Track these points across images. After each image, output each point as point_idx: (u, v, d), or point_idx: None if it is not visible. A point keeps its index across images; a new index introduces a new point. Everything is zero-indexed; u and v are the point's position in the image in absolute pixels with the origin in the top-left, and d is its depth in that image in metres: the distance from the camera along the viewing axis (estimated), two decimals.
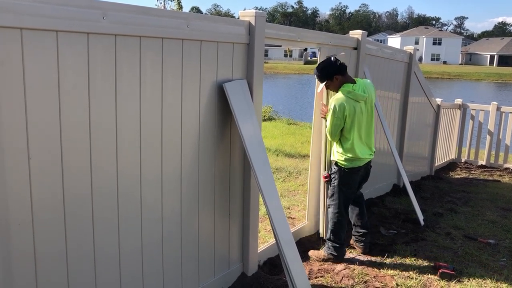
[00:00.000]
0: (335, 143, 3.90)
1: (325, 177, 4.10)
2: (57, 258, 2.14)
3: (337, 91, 3.75)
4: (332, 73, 3.71)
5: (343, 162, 3.82)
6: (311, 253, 4.06)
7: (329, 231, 3.99)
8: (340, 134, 3.80)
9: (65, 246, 2.16)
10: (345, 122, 3.70)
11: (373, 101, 3.88)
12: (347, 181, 3.88)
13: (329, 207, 4.02)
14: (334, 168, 3.91)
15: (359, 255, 4.13)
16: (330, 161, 4.08)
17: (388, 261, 4.04)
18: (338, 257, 3.95)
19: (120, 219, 2.43)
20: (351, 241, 4.26)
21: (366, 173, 4.05)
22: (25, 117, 1.93)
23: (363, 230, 4.14)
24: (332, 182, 3.96)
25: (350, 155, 3.78)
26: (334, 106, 3.66)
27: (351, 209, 4.16)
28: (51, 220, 2.09)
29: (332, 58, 3.75)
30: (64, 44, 2.02)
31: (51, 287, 2.14)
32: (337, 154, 3.85)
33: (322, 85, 3.83)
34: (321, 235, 4.45)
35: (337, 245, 3.94)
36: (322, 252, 4.00)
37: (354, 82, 3.73)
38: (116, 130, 2.33)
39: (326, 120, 3.85)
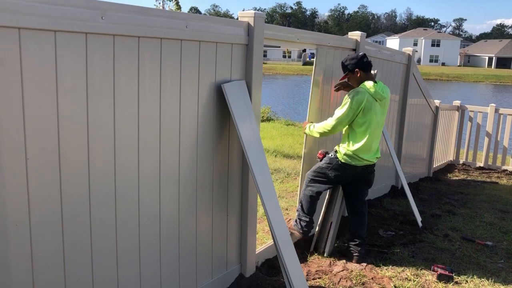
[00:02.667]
0: (344, 135, 3.86)
1: (320, 155, 4.07)
2: (54, 259, 2.13)
3: (356, 87, 3.80)
4: (355, 66, 3.77)
5: (343, 156, 3.80)
6: (290, 227, 4.10)
7: (299, 204, 4.07)
8: (347, 129, 3.81)
9: (62, 247, 2.16)
10: (357, 116, 3.69)
11: (387, 105, 3.91)
12: (337, 173, 3.87)
13: (306, 179, 4.03)
14: (331, 155, 3.90)
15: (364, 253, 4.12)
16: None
17: (386, 262, 4.03)
18: (304, 232, 4.01)
19: (118, 220, 2.42)
20: (345, 249, 4.17)
21: (365, 177, 3.99)
22: (22, 117, 1.92)
23: (360, 240, 4.03)
24: (322, 163, 3.95)
25: (353, 152, 3.75)
26: (352, 96, 3.67)
27: (352, 216, 4.10)
28: (48, 220, 2.08)
29: (361, 53, 3.84)
30: (62, 44, 2.01)
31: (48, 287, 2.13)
32: (342, 146, 3.84)
33: (343, 76, 3.90)
34: (313, 243, 4.30)
35: (306, 218, 3.99)
36: (292, 223, 4.10)
37: (375, 82, 3.78)
38: (114, 130, 2.32)
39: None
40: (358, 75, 3.79)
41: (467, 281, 3.75)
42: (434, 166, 7.90)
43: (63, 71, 2.04)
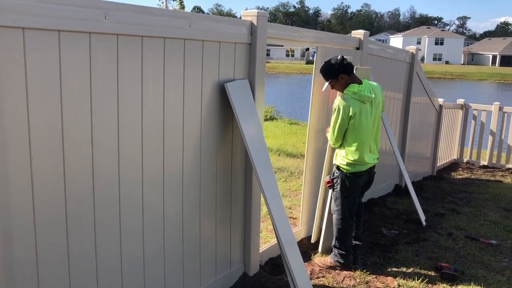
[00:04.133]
0: (338, 149, 3.77)
1: (328, 182, 3.92)
2: (59, 260, 2.14)
3: (342, 91, 3.66)
4: (338, 72, 3.61)
5: (345, 167, 3.70)
6: (317, 260, 3.95)
7: (334, 238, 3.87)
8: (343, 137, 3.69)
9: (67, 248, 2.16)
10: (349, 123, 3.59)
11: (381, 104, 3.78)
12: (350, 186, 3.76)
13: (334, 214, 3.89)
14: (336, 173, 3.80)
15: (361, 255, 4.11)
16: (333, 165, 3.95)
17: (390, 261, 4.03)
18: (344, 265, 3.82)
19: (122, 219, 2.42)
20: None
21: (369, 179, 3.93)
22: (27, 116, 1.93)
23: (356, 242, 3.93)
24: (335, 187, 3.84)
25: (352, 159, 3.65)
26: (338, 106, 3.56)
27: None
28: (52, 221, 2.09)
29: (339, 57, 3.66)
30: (66, 44, 2.02)
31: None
32: (340, 158, 3.73)
33: (326, 84, 3.74)
34: (312, 241, 4.32)
35: (344, 252, 3.81)
36: (329, 259, 3.88)
37: (360, 83, 3.63)
38: (117, 130, 2.33)
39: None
40: (343, 80, 3.63)
41: (471, 280, 3.74)
42: (438, 164, 7.88)
43: (67, 71, 2.04)
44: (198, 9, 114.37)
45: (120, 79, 2.29)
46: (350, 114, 3.55)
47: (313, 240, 4.32)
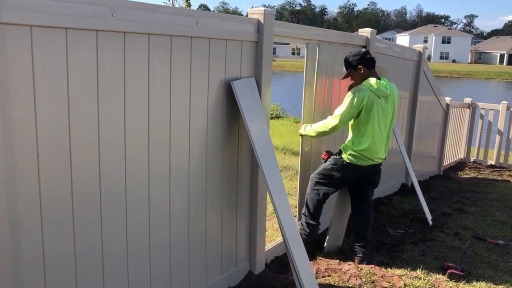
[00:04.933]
0: (349, 135, 3.78)
1: (324, 155, 3.94)
2: (65, 256, 2.15)
3: (359, 84, 3.71)
4: (358, 63, 3.69)
5: (347, 156, 3.71)
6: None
7: (305, 207, 3.93)
8: (351, 126, 3.74)
9: (73, 244, 2.17)
10: (360, 114, 3.62)
11: (396, 104, 3.82)
12: (342, 174, 3.78)
13: (310, 182, 3.91)
14: (336, 155, 3.82)
15: (367, 255, 4.10)
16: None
17: (396, 261, 4.01)
18: (309, 235, 3.88)
19: (128, 217, 2.43)
20: (347, 250, 4.08)
21: (371, 177, 3.91)
22: (34, 114, 1.93)
23: (364, 241, 3.94)
24: (326, 165, 3.85)
25: (358, 152, 3.66)
26: (354, 93, 3.60)
27: (357, 217, 4.01)
28: (59, 218, 2.10)
29: (363, 50, 3.77)
30: (73, 42, 2.02)
31: (59, 286, 2.15)
32: (347, 146, 3.75)
33: (346, 73, 3.81)
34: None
35: (312, 222, 3.87)
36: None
37: (379, 79, 3.70)
38: (124, 127, 2.33)
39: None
40: (362, 71, 3.69)
41: (478, 280, 3.72)
42: (444, 164, 7.84)
43: (74, 68, 2.05)
44: (204, 7, 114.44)
45: (127, 77, 2.29)
46: (363, 103, 3.58)
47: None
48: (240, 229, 3.36)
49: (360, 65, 3.69)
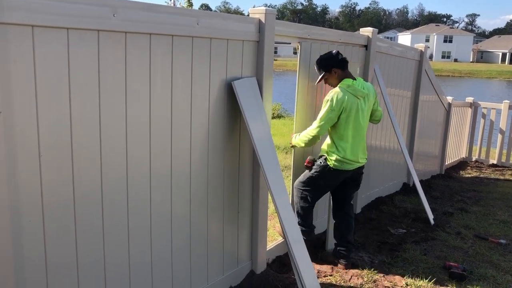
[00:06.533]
0: (329, 140, 3.65)
1: (308, 163, 3.75)
2: (68, 259, 2.16)
3: (335, 86, 3.58)
4: (331, 65, 3.56)
5: (333, 162, 3.56)
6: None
7: (296, 217, 3.73)
8: (330, 130, 3.59)
9: (75, 246, 2.18)
10: (340, 117, 3.49)
11: (372, 103, 3.71)
12: (328, 180, 3.68)
13: (296, 191, 3.77)
14: (320, 162, 3.64)
15: (369, 254, 4.11)
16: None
17: (397, 260, 4.01)
18: (306, 241, 3.70)
19: (130, 217, 2.43)
20: (331, 256, 3.94)
21: (355, 179, 3.80)
22: (36, 114, 1.94)
23: (349, 245, 3.84)
24: (311, 172, 3.69)
25: (341, 156, 3.54)
26: (332, 97, 3.46)
27: (340, 221, 3.89)
28: (61, 219, 2.10)
29: (334, 51, 3.62)
30: (74, 42, 2.02)
31: (61, 286, 2.15)
32: (329, 149, 3.61)
33: (320, 77, 3.65)
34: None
35: (305, 229, 3.74)
36: None
37: (354, 79, 3.58)
38: (126, 127, 2.33)
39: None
40: (336, 74, 3.57)
41: (480, 279, 3.71)
42: (446, 163, 7.82)
43: (76, 68, 2.05)
44: (205, 7, 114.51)
45: (128, 77, 2.30)
46: (343, 106, 3.45)
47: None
48: (241, 229, 3.36)
49: (334, 68, 3.57)
